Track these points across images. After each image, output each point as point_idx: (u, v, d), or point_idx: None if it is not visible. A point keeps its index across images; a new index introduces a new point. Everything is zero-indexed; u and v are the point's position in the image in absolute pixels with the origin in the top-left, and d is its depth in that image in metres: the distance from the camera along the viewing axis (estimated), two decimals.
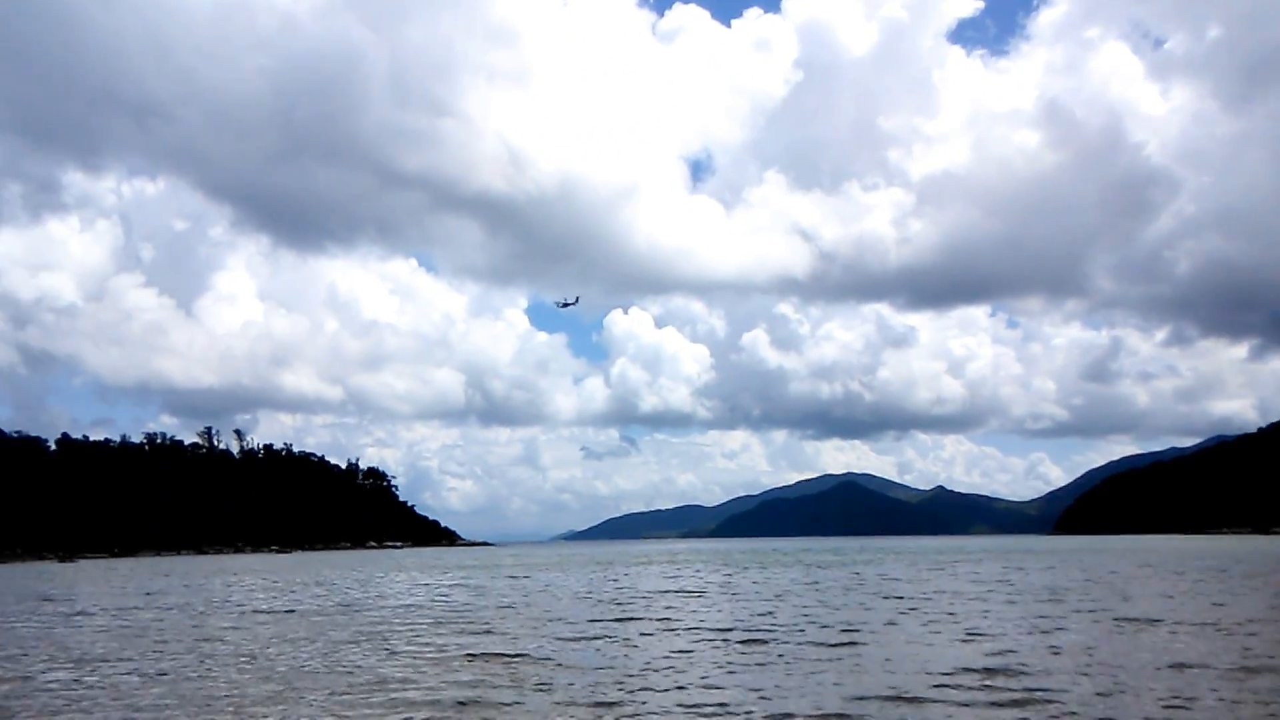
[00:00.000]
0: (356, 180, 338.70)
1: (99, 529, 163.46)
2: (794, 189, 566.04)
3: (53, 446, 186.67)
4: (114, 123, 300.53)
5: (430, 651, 19.01)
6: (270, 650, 19.73)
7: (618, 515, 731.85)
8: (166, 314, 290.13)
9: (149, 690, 14.95)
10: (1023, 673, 15.03)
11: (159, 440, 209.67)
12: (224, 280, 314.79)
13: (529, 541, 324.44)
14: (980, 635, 20.10)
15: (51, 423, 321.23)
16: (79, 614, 31.73)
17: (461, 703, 13.58)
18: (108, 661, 18.52)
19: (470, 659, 17.77)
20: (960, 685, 14.14)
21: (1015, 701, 12.98)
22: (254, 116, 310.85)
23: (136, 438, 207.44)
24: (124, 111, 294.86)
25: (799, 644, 18.96)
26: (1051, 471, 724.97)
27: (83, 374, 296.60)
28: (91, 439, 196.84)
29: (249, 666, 17.33)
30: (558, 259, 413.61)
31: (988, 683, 14.32)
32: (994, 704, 12.86)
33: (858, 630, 21.29)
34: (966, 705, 12.84)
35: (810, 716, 12.31)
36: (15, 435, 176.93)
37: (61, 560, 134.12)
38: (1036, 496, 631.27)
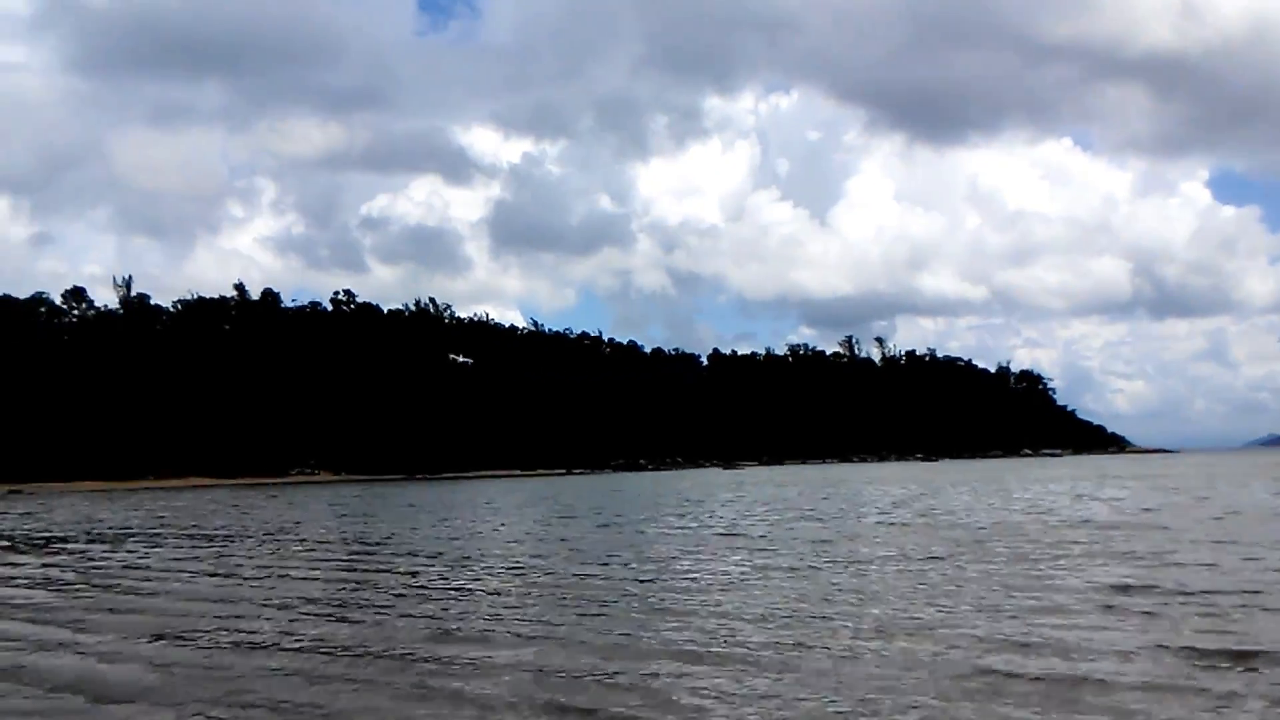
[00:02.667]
0: (998, 60, 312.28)
1: (748, 440, 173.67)
2: None
3: (704, 362, 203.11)
4: (746, 42, 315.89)
5: None
6: None
7: None
8: (801, 226, 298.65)
9: None
10: None
11: (802, 351, 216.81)
12: (858, 186, 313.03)
13: (1216, 449, 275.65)
14: None
15: (700, 339, 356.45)
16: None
17: None
18: None
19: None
20: None
21: None
22: (881, 11, 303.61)
23: (781, 350, 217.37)
24: (755, 29, 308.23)
25: None
26: None
27: (725, 291, 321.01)
28: (739, 353, 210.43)
29: None
30: (1246, 119, 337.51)
31: None
32: None
33: None
34: None
35: None
36: (673, 353, 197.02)
37: (725, 467, 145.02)
38: None
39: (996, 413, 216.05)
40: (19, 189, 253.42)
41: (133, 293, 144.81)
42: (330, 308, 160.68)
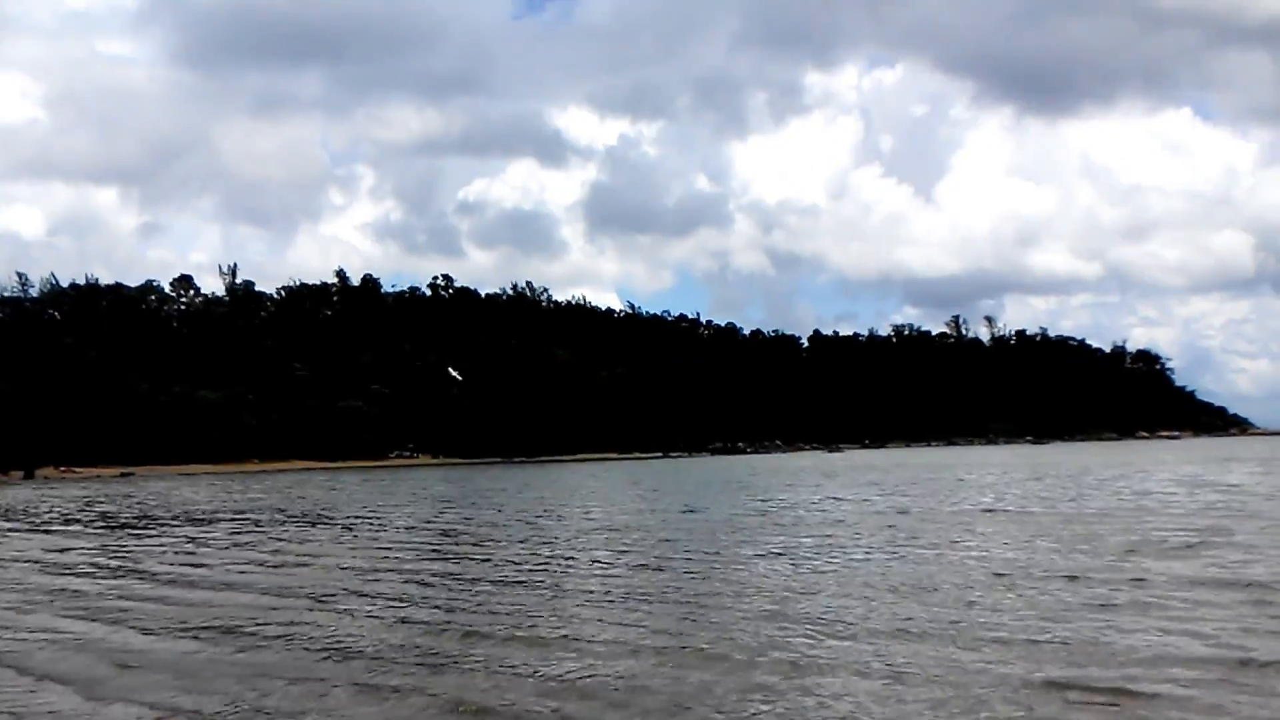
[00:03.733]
0: (1113, 26, 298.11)
1: (849, 422, 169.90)
2: None
3: (805, 343, 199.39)
4: (848, 15, 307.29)
5: None
6: None
7: None
8: (905, 203, 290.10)
9: None
10: None
11: (906, 331, 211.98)
12: (964, 160, 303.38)
13: None
14: None
15: (799, 320, 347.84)
16: None
17: None
18: None
19: None
20: None
21: None
22: None
23: (884, 330, 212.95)
24: (856, 1, 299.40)
25: None
26: None
27: (826, 271, 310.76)
28: (840, 334, 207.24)
29: None
30: None
31: None
32: None
33: None
34: None
35: None
36: (773, 334, 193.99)
37: (828, 450, 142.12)
38: None
39: (1111, 394, 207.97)
40: (128, 180, 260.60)
41: (238, 280, 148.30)
42: (429, 292, 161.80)
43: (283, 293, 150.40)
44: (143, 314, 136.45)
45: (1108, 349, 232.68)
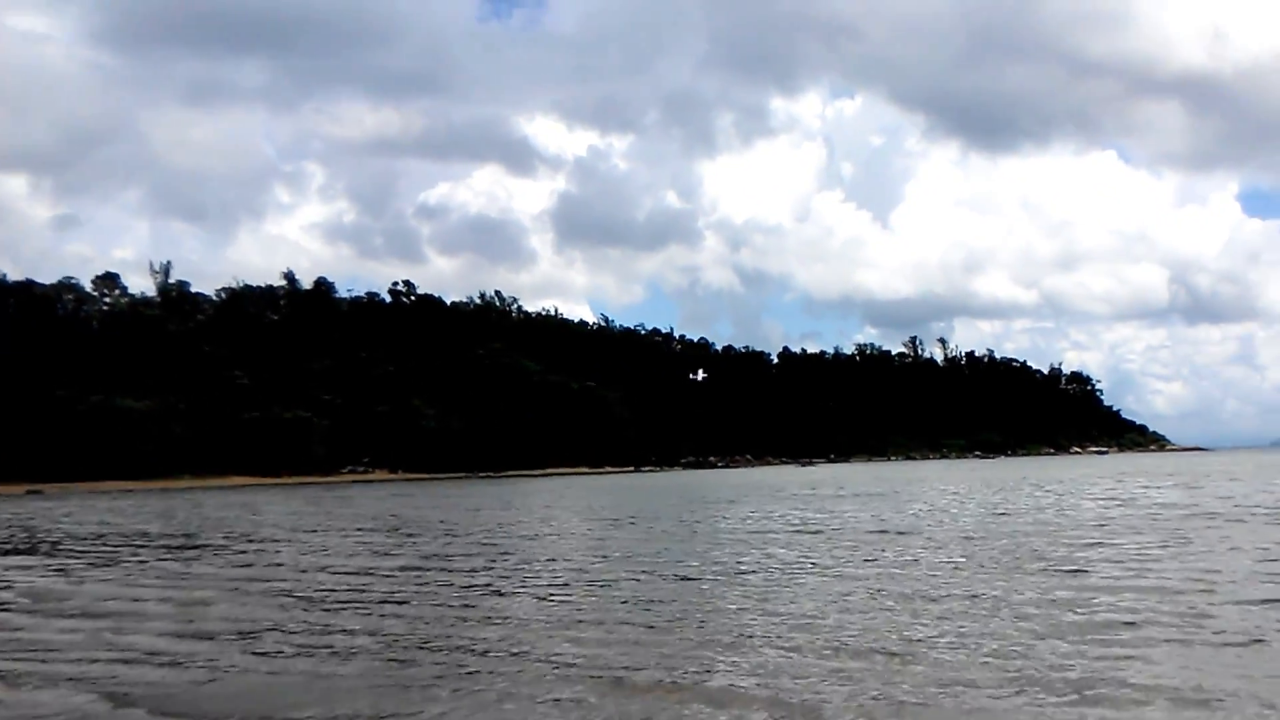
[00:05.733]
0: (1047, 73, 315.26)
1: (815, 437, 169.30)
2: None
3: (775, 360, 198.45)
4: (808, 46, 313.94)
5: None
6: None
7: None
8: (865, 228, 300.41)
9: None
10: None
11: (869, 351, 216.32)
12: (917, 190, 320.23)
13: (1248, 446, 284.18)
14: None
15: (766, 337, 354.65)
16: None
17: None
18: None
19: None
20: None
21: None
22: (937, 20, 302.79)
23: (848, 349, 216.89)
24: (816, 33, 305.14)
25: None
26: None
27: (792, 290, 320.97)
28: (808, 351, 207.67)
29: None
30: (1271, 138, 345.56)
31: None
32: None
33: None
34: None
35: None
36: (744, 350, 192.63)
37: (801, 464, 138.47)
38: None
39: (1049, 412, 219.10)
40: (39, 167, 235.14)
41: (170, 279, 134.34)
42: (389, 298, 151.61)
43: (223, 294, 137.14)
44: (58, 315, 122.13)
45: (1046, 370, 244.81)
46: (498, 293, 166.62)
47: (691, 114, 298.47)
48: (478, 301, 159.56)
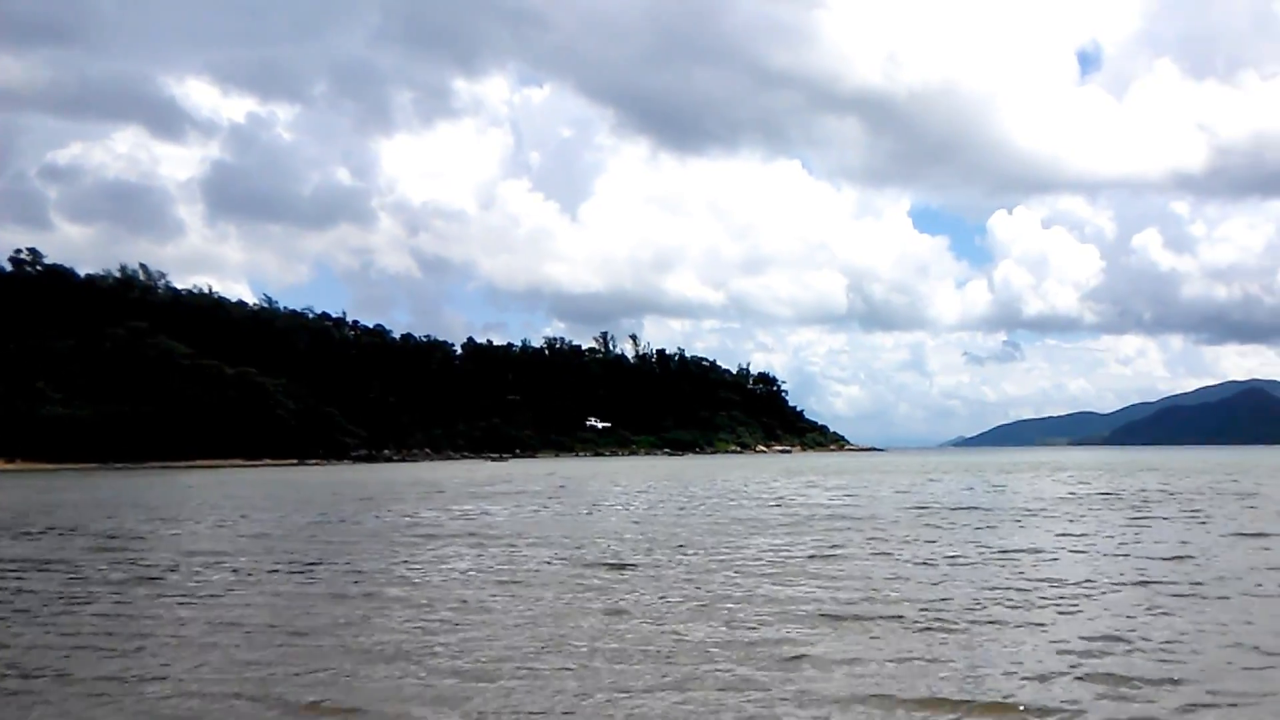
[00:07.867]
0: (732, 79, 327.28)
1: (503, 430, 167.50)
2: (1186, 78, 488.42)
3: (459, 350, 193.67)
4: (490, 30, 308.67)
5: None
6: None
7: (1007, 422, 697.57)
8: (553, 219, 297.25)
9: None
10: None
11: (558, 345, 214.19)
12: (607, 185, 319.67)
13: (918, 447, 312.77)
14: None
15: (448, 327, 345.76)
16: None
17: None
18: None
19: None
20: None
21: None
22: (625, 16, 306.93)
23: (536, 342, 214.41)
24: (499, 18, 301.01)
25: None
26: None
27: (475, 279, 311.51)
28: (495, 343, 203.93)
29: None
30: (940, 159, 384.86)
31: None
32: None
33: None
34: None
35: None
36: (424, 339, 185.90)
37: (497, 459, 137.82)
38: None
39: (738, 410, 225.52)
40: None
41: None
42: (9, 267, 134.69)
43: None
44: None
45: (735, 370, 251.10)
46: (142, 265, 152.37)
47: (365, 87, 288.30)
48: (116, 275, 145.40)
